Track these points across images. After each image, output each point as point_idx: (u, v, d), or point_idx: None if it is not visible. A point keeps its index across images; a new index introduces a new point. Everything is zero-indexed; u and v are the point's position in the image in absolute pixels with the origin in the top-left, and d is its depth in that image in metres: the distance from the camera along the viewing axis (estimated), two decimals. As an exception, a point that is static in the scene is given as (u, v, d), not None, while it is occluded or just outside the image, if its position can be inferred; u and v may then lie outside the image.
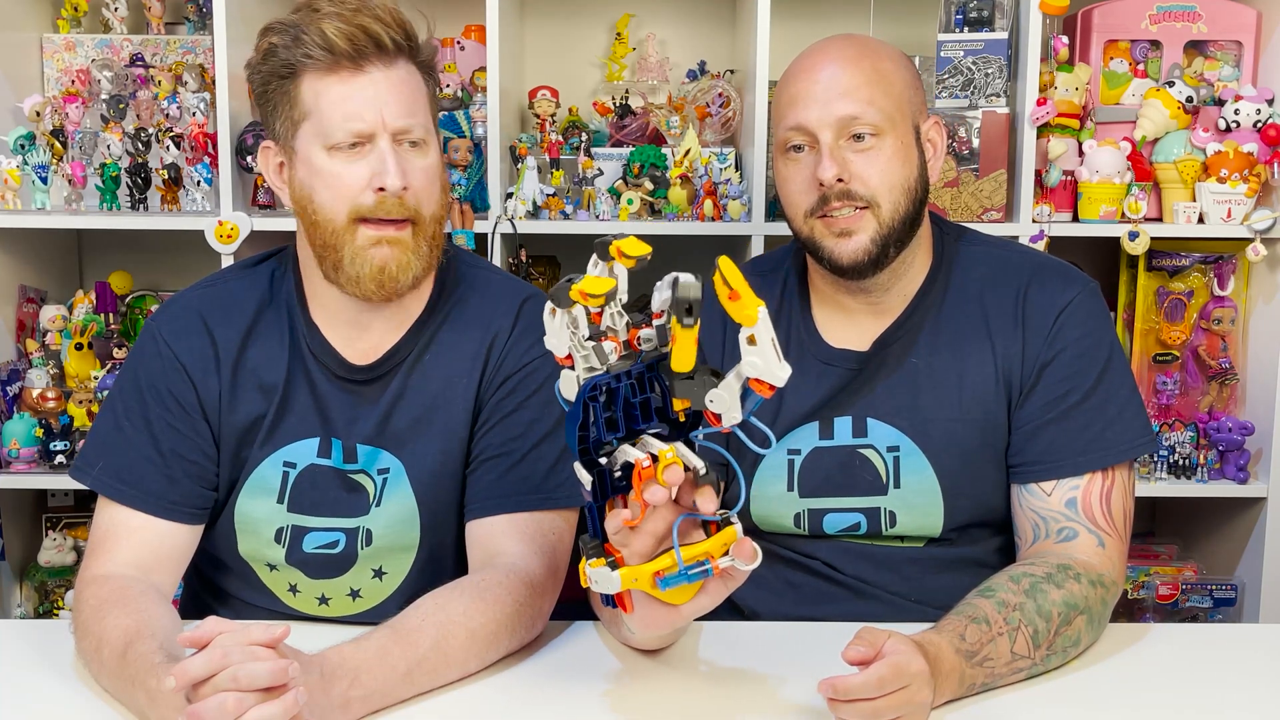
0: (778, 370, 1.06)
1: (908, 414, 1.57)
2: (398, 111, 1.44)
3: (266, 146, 1.51)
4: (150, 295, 2.70)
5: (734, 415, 1.09)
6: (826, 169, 1.51)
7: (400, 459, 1.53)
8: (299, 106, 1.45)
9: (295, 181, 1.48)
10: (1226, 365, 2.55)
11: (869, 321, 1.61)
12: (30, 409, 2.49)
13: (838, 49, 1.56)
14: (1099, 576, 1.44)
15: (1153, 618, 2.55)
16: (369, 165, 1.44)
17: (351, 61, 1.43)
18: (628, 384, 1.11)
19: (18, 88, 2.61)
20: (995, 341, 1.57)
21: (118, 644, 1.29)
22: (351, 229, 1.45)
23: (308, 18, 1.43)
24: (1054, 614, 1.37)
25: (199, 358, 1.53)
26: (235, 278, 1.61)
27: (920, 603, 1.57)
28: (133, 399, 1.53)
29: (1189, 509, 2.70)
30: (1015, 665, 1.34)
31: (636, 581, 1.17)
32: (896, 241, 1.54)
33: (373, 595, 1.56)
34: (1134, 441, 1.54)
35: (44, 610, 2.67)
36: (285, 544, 1.54)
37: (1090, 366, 1.55)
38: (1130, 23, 2.53)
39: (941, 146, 1.62)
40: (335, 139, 1.43)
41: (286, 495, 1.53)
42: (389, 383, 1.54)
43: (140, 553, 1.47)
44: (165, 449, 1.50)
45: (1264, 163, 2.41)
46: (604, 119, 2.60)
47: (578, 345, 1.11)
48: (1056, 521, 1.51)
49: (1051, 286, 1.58)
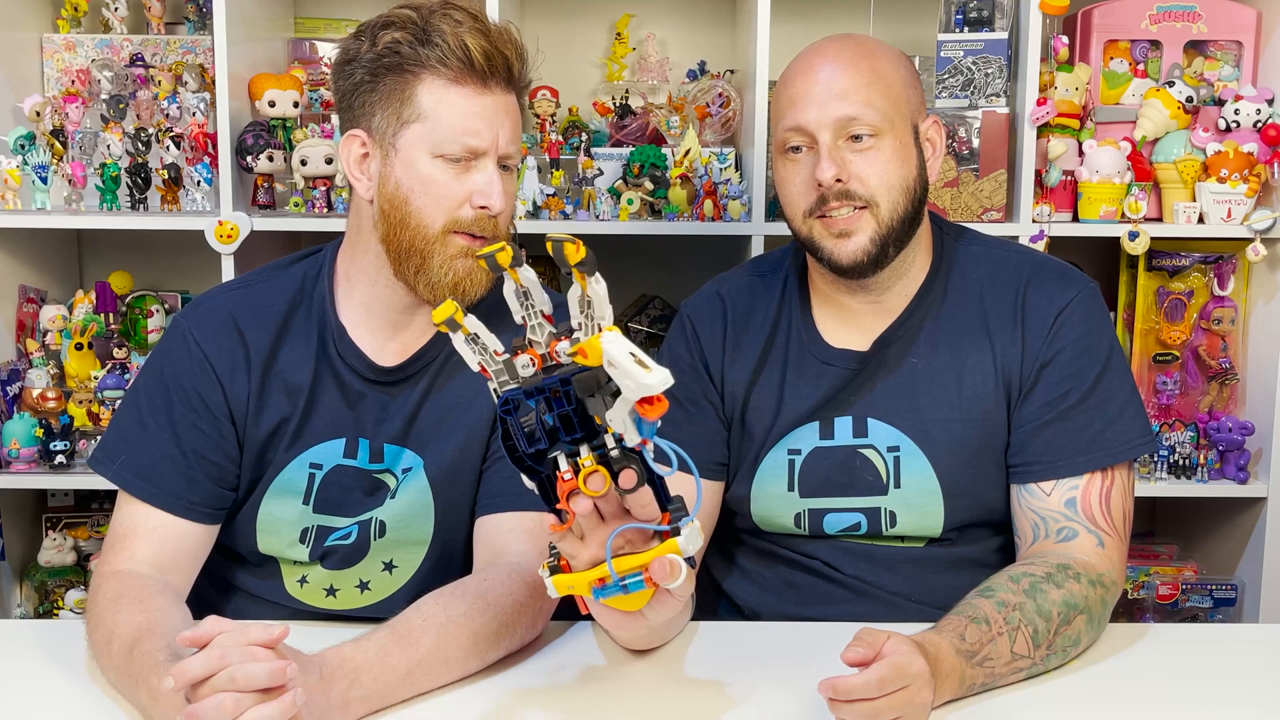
0: (648, 380, 1.02)
1: (908, 414, 1.57)
2: (510, 137, 1.49)
3: (354, 135, 1.51)
4: (150, 295, 2.70)
5: (632, 437, 1.08)
6: (825, 169, 1.51)
7: (422, 457, 1.54)
8: (412, 106, 1.46)
9: (389, 179, 1.48)
10: (1226, 365, 2.55)
11: (869, 321, 1.61)
12: (30, 409, 2.49)
13: (836, 49, 1.56)
14: (1099, 576, 1.44)
15: (1153, 618, 2.55)
16: (473, 181, 1.46)
17: (480, 79, 1.46)
18: (540, 399, 1.10)
19: (18, 88, 2.61)
20: (994, 341, 1.57)
21: (127, 640, 1.29)
22: (445, 237, 1.47)
23: (442, 22, 1.44)
24: (1054, 614, 1.37)
25: (229, 360, 1.53)
26: (267, 279, 1.61)
27: (920, 603, 1.57)
28: (158, 396, 1.53)
29: (1189, 509, 2.70)
30: (1015, 665, 1.34)
31: (573, 589, 1.17)
32: (896, 241, 1.54)
33: (381, 589, 1.57)
34: (1133, 441, 1.54)
35: (44, 610, 2.67)
36: (310, 543, 1.55)
37: (1089, 367, 1.55)
38: (1130, 23, 2.53)
39: (940, 146, 1.62)
40: (447, 149, 1.45)
41: (313, 497, 1.54)
42: (417, 383, 1.55)
43: (159, 551, 1.47)
44: (188, 449, 1.51)
45: (1264, 163, 2.41)
46: (604, 119, 2.60)
47: (488, 360, 1.12)
48: (1056, 521, 1.51)
49: (1051, 286, 1.58)
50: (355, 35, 1.50)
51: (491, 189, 1.46)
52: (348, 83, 1.50)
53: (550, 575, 1.18)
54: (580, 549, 1.16)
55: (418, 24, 1.45)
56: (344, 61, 1.50)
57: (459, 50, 1.43)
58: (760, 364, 1.63)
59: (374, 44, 1.46)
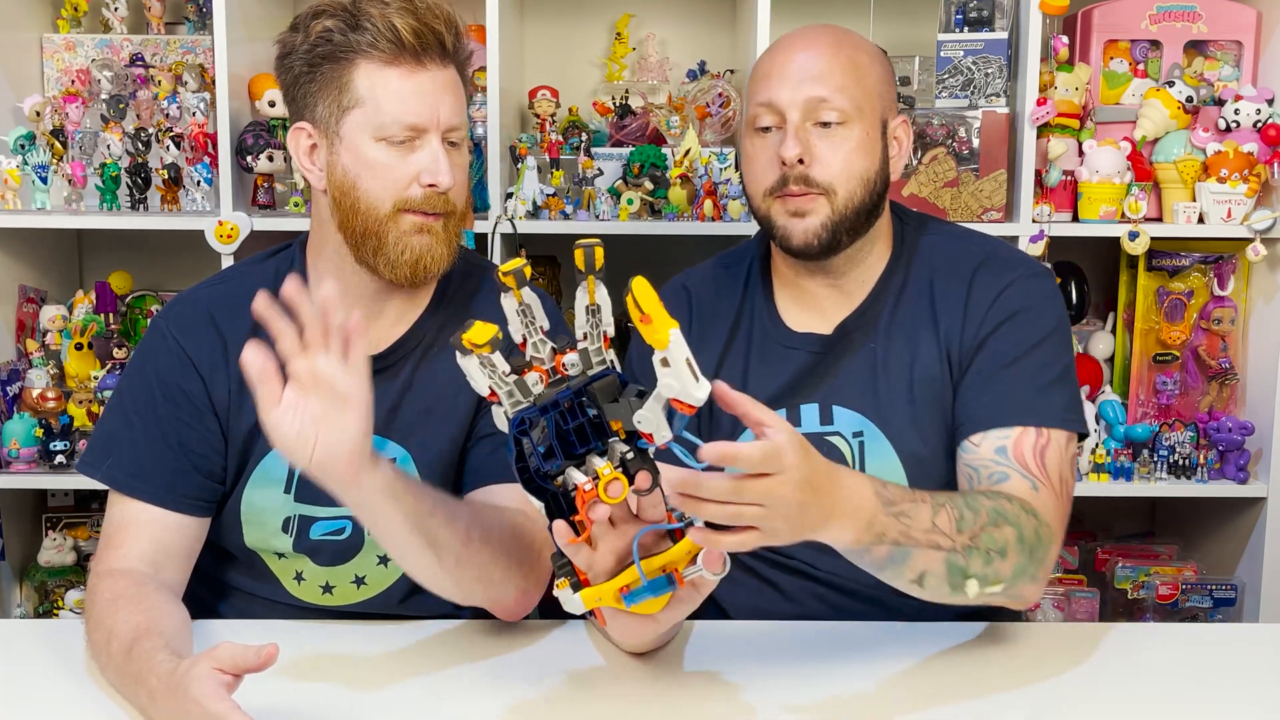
0: (694, 390, 1.06)
1: (869, 399, 1.58)
2: (452, 110, 1.49)
3: (300, 128, 1.51)
4: (150, 295, 2.70)
5: (664, 433, 1.09)
6: (790, 148, 1.52)
7: (408, 449, 1.54)
8: (350, 93, 1.46)
9: (336, 167, 1.49)
10: (1226, 365, 2.55)
11: (830, 307, 1.62)
12: (30, 409, 2.49)
13: (816, 34, 1.59)
14: (1032, 508, 1.41)
15: (1153, 618, 2.55)
16: (418, 160, 1.47)
17: (414, 58, 1.46)
18: (555, 414, 1.11)
19: (18, 88, 2.61)
20: (940, 325, 1.58)
21: (126, 639, 1.30)
22: (395, 216, 1.48)
23: (370, 6, 1.45)
24: (982, 512, 1.34)
25: (208, 354, 1.54)
26: (241, 275, 1.62)
27: (902, 596, 1.58)
28: (141, 394, 1.54)
29: (1189, 509, 2.70)
30: (934, 539, 1.30)
31: (600, 600, 1.18)
32: (850, 230, 1.55)
33: (377, 583, 1.57)
34: (1064, 415, 1.52)
35: (44, 610, 2.67)
36: (292, 533, 1.55)
37: (1025, 339, 1.54)
38: (1130, 23, 2.53)
39: (906, 146, 1.64)
40: (389, 131, 1.46)
41: (294, 486, 1.54)
42: (398, 373, 1.55)
43: (152, 546, 1.48)
44: (174, 442, 1.51)
45: (1264, 163, 2.41)
46: (604, 119, 2.61)
47: (499, 382, 1.12)
48: (987, 468, 1.48)
49: (997, 270, 1.58)
50: (291, 28, 1.51)
51: (438, 166, 1.46)
52: (288, 76, 1.51)
53: (575, 591, 1.18)
54: (595, 558, 1.17)
55: (347, 10, 1.46)
56: (282, 55, 1.51)
57: (388, 32, 1.44)
58: (725, 352, 1.64)
59: (308, 35, 1.47)
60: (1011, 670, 1.41)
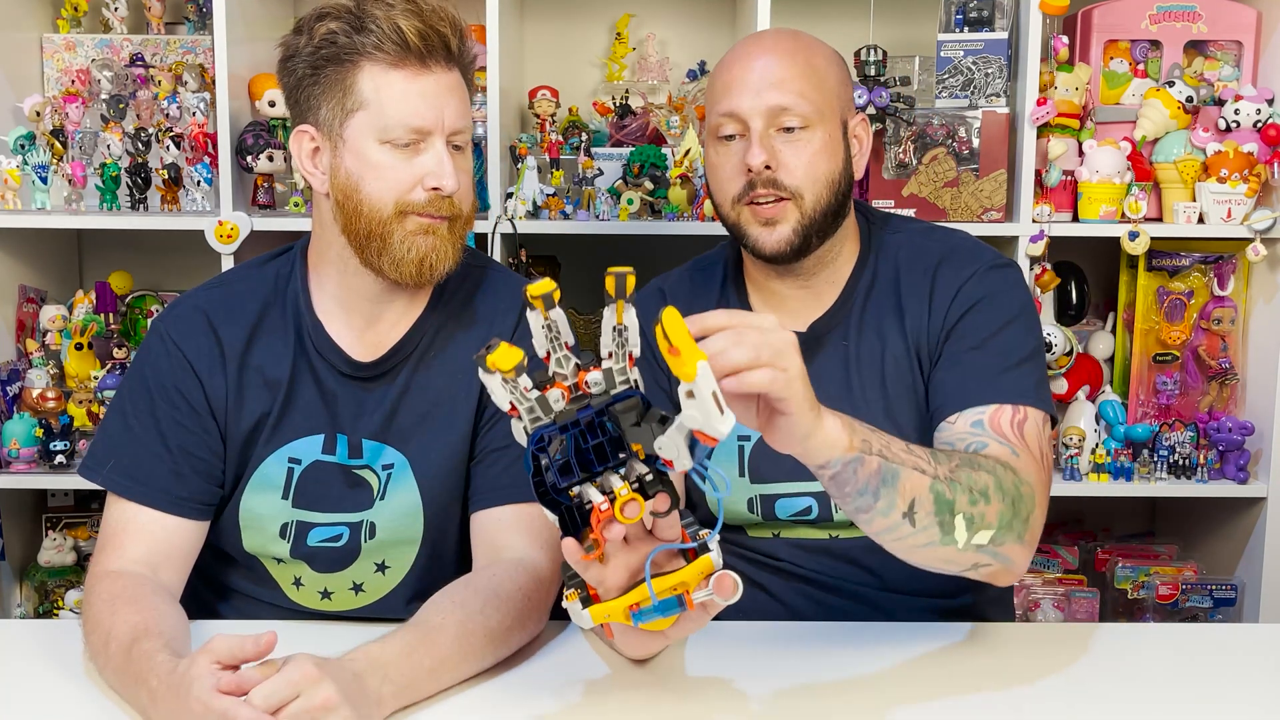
0: (718, 424, 1.06)
1: (844, 393, 1.58)
2: (456, 113, 1.48)
3: (302, 131, 1.51)
4: (150, 295, 2.70)
5: (684, 461, 1.10)
6: (755, 156, 1.53)
7: (405, 455, 1.54)
8: (354, 95, 1.46)
9: (340, 170, 1.48)
10: (1226, 365, 2.55)
11: (802, 308, 1.63)
12: (30, 409, 2.49)
13: (773, 40, 1.60)
14: (1010, 466, 1.40)
15: (1153, 618, 2.55)
16: (423, 164, 1.46)
17: (419, 60, 1.46)
18: (575, 433, 1.12)
19: (18, 88, 2.61)
20: (906, 318, 1.59)
21: (125, 640, 1.30)
22: (400, 217, 1.47)
23: (375, 8, 1.45)
24: (955, 456, 1.35)
25: (205, 357, 1.54)
26: (240, 278, 1.62)
27: (889, 591, 1.58)
28: (141, 398, 1.54)
29: (1189, 509, 2.70)
30: (915, 461, 1.29)
31: (609, 616, 1.18)
32: (819, 232, 1.57)
33: (375, 589, 1.57)
34: (1037, 393, 1.52)
35: (44, 610, 2.67)
36: (290, 539, 1.55)
37: (990, 321, 1.55)
38: (1130, 23, 2.53)
39: (867, 144, 1.65)
40: (393, 134, 1.45)
41: (291, 491, 1.54)
42: (395, 378, 1.55)
43: (150, 549, 1.48)
44: (173, 445, 1.51)
45: (1264, 163, 2.41)
46: (604, 119, 2.61)
47: (520, 398, 1.12)
48: (964, 440, 1.48)
49: (960, 262, 1.60)
50: (294, 30, 1.51)
51: (442, 169, 1.46)
52: (291, 79, 1.50)
53: (584, 606, 1.19)
54: (606, 573, 1.18)
55: (352, 12, 1.46)
56: (285, 58, 1.51)
57: (393, 34, 1.43)
58: None
59: (311, 37, 1.47)
60: (1003, 670, 1.41)
